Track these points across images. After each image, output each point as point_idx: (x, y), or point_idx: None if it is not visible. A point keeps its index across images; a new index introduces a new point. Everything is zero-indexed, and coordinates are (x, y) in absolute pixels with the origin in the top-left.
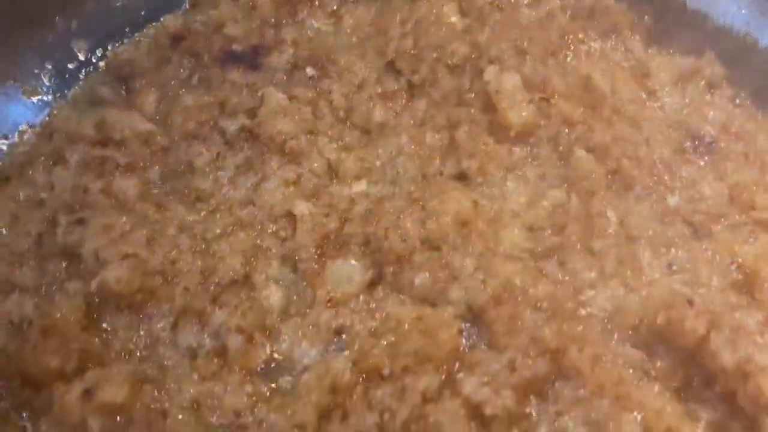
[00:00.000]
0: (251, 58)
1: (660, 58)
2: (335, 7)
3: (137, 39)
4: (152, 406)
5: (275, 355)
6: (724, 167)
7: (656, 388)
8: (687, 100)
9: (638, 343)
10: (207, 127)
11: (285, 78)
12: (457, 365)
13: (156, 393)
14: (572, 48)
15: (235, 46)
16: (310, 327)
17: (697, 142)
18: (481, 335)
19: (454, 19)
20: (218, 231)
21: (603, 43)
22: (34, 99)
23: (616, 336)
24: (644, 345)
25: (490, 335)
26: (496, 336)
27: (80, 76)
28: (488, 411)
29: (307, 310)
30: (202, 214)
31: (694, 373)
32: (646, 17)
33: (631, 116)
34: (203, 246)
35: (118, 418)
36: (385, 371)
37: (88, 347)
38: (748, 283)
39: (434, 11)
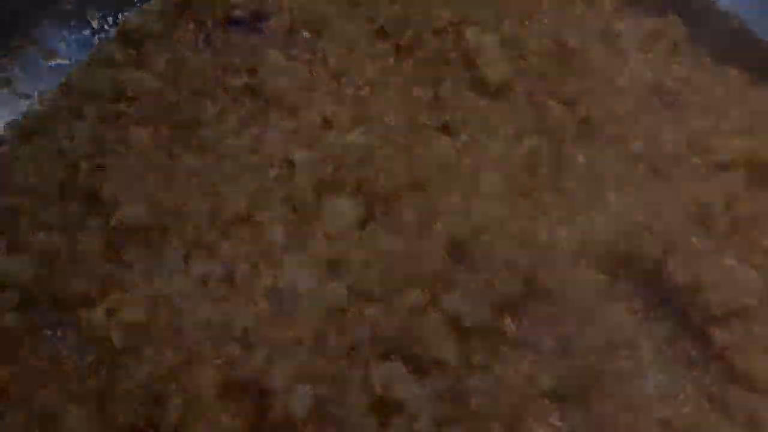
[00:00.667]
0: (252, 23)
1: (628, 19)
2: None
3: (145, 7)
4: (168, 325)
5: (278, 281)
6: (684, 116)
7: (618, 305)
8: (652, 57)
9: (603, 269)
10: (212, 84)
11: (283, 40)
12: (439, 286)
13: (171, 314)
14: (547, 12)
15: (236, 12)
16: (309, 257)
17: (660, 95)
18: (460, 261)
19: None
20: (224, 175)
21: (577, 7)
22: (53, 62)
23: (583, 263)
24: (608, 270)
25: (468, 261)
26: (475, 261)
27: (94, 42)
28: (467, 323)
29: (306, 243)
30: (209, 161)
31: (651, 293)
32: None
33: (601, 72)
34: (211, 188)
35: (139, 334)
36: (376, 293)
37: (110, 274)
38: (702, 216)
39: None
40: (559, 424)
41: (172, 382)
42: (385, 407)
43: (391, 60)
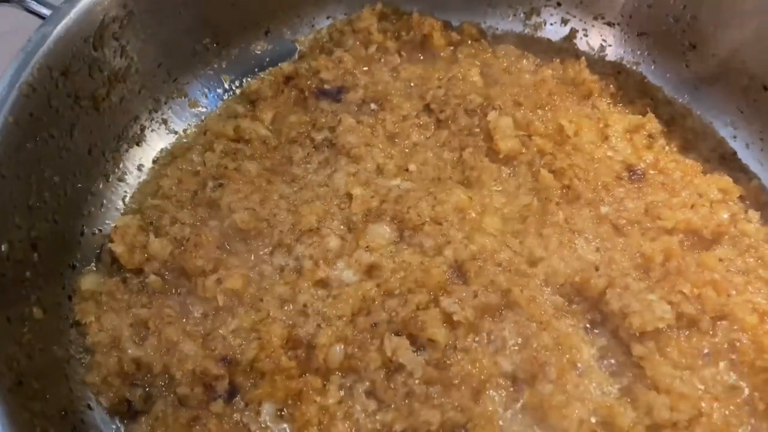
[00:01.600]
0: (336, 94)
1: (617, 114)
2: (394, 65)
3: (263, 76)
4: (254, 295)
5: (331, 275)
6: (645, 191)
7: (569, 321)
8: (630, 144)
9: (562, 294)
10: (303, 136)
11: (356, 108)
12: (441, 291)
13: (257, 288)
14: (555, 104)
15: (326, 86)
16: (354, 262)
17: (631, 173)
18: (459, 276)
19: (475, 78)
20: (303, 200)
21: (578, 102)
22: (195, 110)
23: (549, 289)
24: (566, 295)
25: (464, 277)
26: (469, 277)
27: (225, 97)
28: (456, 318)
29: (353, 252)
30: (294, 189)
31: (595, 315)
32: (611, 86)
33: (587, 152)
34: (293, 208)
35: (234, 298)
36: (396, 291)
37: (220, 257)
38: (644, 265)
39: (462, 72)
40: (510, 396)
41: (253, 332)
42: (391, 366)
43: (432, 130)
